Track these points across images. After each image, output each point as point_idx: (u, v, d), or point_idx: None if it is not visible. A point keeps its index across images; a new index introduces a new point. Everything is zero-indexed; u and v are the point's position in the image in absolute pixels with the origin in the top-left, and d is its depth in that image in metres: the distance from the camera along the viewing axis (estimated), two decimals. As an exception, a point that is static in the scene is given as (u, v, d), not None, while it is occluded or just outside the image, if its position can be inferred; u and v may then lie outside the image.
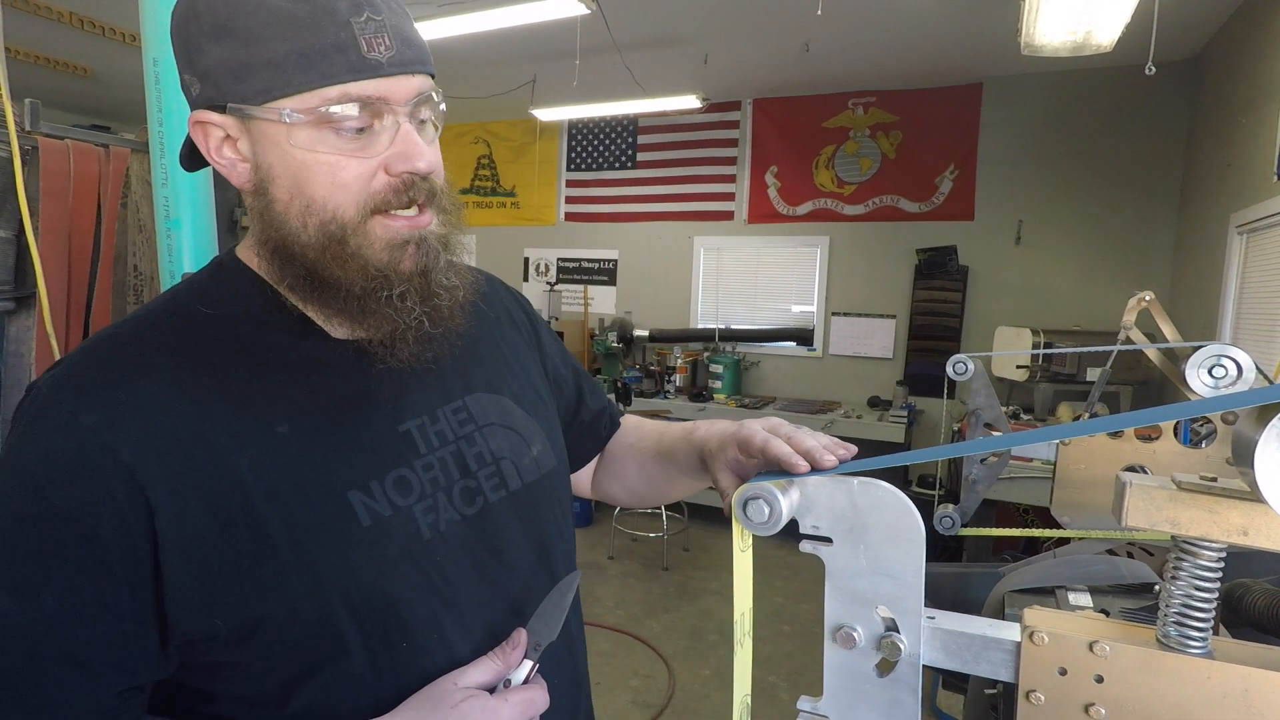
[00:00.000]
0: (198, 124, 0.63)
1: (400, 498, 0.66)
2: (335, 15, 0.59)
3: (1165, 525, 0.49)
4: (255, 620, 0.60)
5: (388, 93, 0.61)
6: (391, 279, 0.64)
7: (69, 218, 1.36)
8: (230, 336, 0.65)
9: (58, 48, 4.67)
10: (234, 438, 0.61)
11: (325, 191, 0.62)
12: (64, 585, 0.57)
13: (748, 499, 0.57)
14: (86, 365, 0.61)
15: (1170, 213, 4.43)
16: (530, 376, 0.85)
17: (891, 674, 0.55)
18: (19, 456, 0.59)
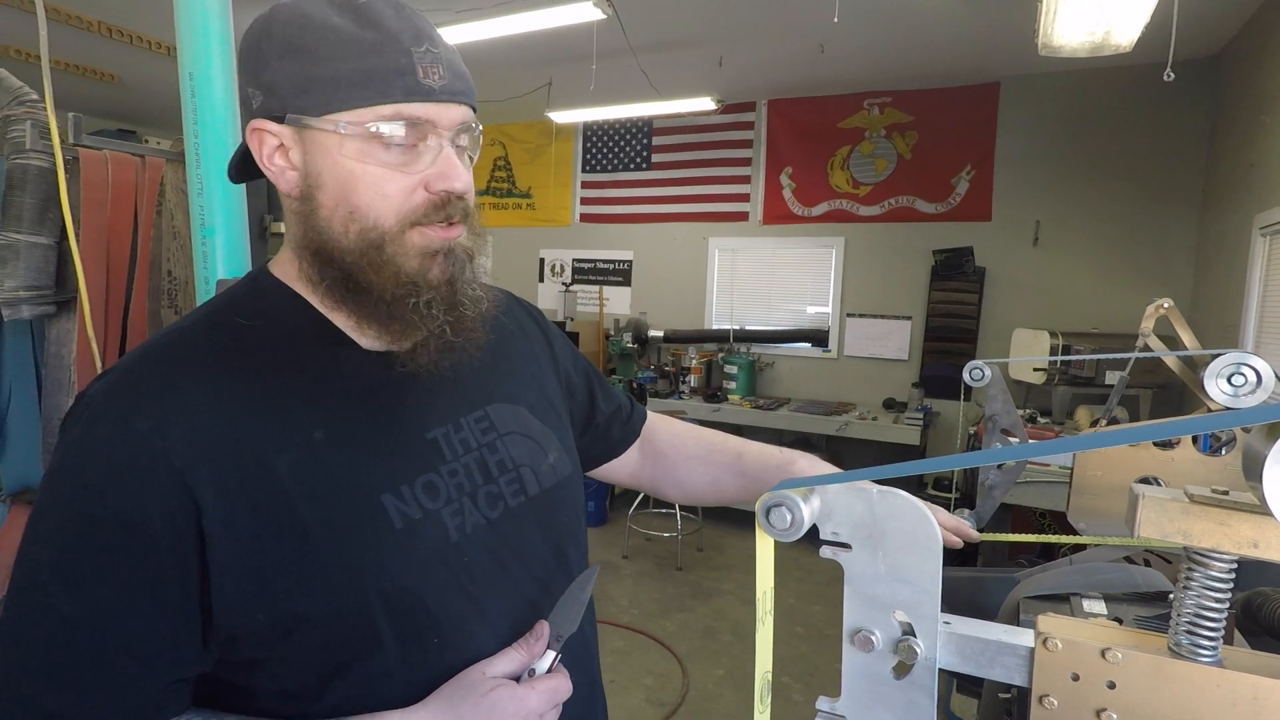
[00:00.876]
0: (255, 131, 0.68)
1: (429, 501, 0.70)
2: (399, 43, 0.65)
3: (1177, 537, 0.51)
4: (295, 616, 0.63)
5: (435, 117, 0.67)
6: (420, 286, 0.68)
7: (107, 225, 1.40)
8: (267, 347, 0.69)
9: (88, 55, 4.76)
10: (274, 442, 0.64)
11: (368, 200, 0.66)
12: (119, 582, 0.60)
13: (770, 506, 0.59)
14: (136, 374, 0.65)
15: (1191, 214, 4.39)
16: (544, 387, 0.90)
17: (908, 677, 0.57)
18: (75, 460, 0.62)
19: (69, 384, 1.47)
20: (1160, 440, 1.07)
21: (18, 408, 1.52)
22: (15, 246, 1.35)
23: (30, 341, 1.52)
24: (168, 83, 5.41)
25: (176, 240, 1.49)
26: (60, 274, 1.40)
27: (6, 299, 1.36)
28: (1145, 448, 1.09)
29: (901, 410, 4.95)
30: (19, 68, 2.90)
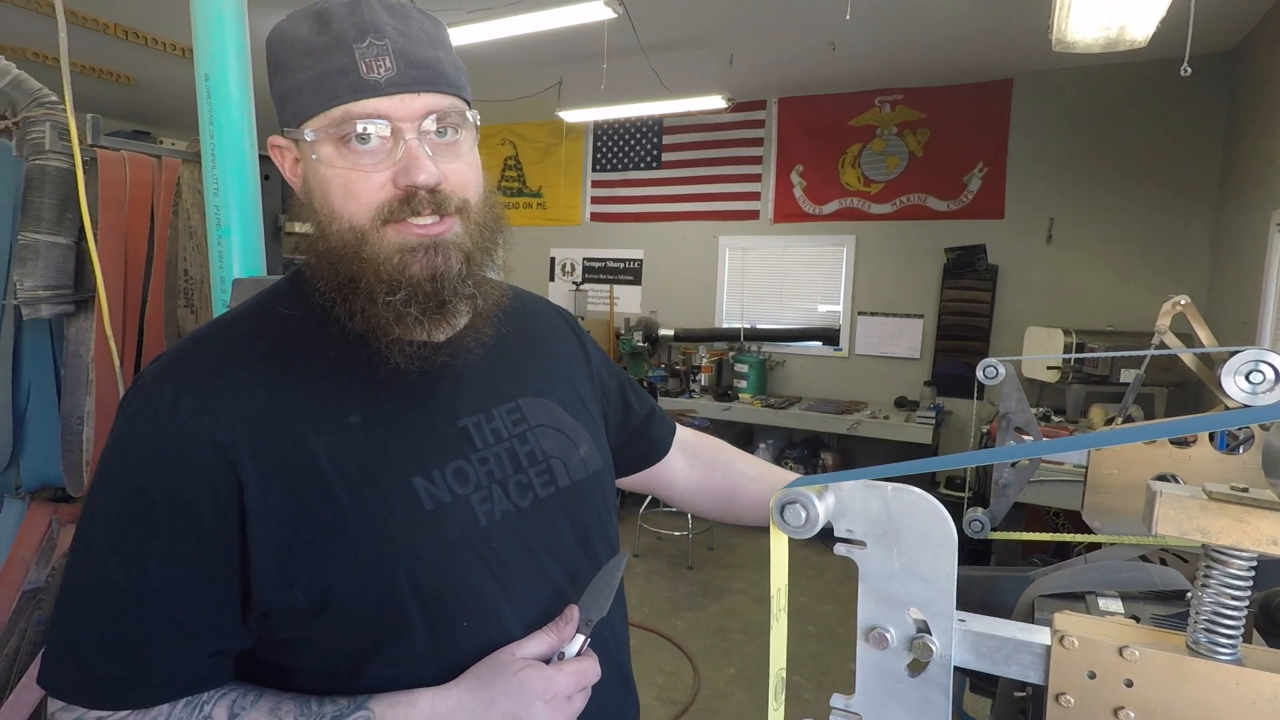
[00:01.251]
0: (271, 147, 0.73)
1: (459, 486, 0.72)
2: (342, 42, 0.65)
3: (1195, 534, 0.50)
4: (328, 593, 0.65)
5: (388, 111, 0.66)
6: (398, 282, 0.68)
7: (125, 225, 1.42)
8: (306, 334, 0.72)
9: (104, 57, 4.81)
10: (311, 424, 0.67)
11: (340, 202, 0.68)
12: (166, 554, 0.63)
13: (785, 503, 0.59)
14: (184, 358, 0.69)
15: (1207, 210, 4.35)
16: (576, 386, 0.90)
17: (923, 674, 0.57)
18: (127, 439, 0.65)
19: (87, 382, 1.49)
20: (1177, 438, 1.06)
21: (37, 406, 1.54)
22: (35, 246, 1.37)
23: (49, 340, 1.53)
24: (182, 84, 5.48)
25: (193, 240, 1.51)
26: (78, 273, 1.42)
27: (26, 298, 1.38)
28: (1161, 445, 1.09)
29: (913, 409, 4.93)
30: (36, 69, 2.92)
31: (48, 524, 1.51)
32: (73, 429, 1.49)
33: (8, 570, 1.48)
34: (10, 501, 1.60)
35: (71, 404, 1.48)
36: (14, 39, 4.43)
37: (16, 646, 1.35)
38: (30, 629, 1.36)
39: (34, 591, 1.44)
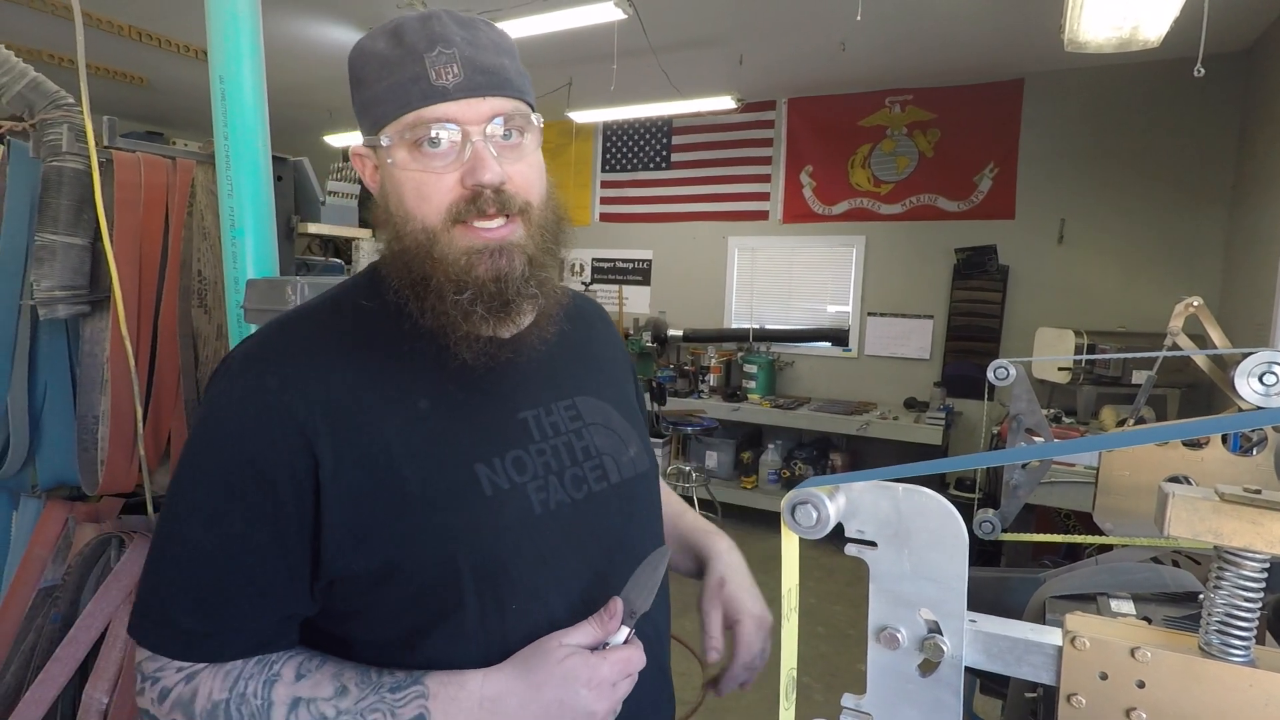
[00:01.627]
0: (354, 156, 0.78)
1: (517, 475, 0.76)
2: (415, 53, 0.70)
3: (1208, 536, 0.50)
4: (391, 566, 0.69)
5: (456, 115, 0.71)
6: (465, 282, 0.72)
7: (140, 226, 1.43)
8: (381, 326, 0.76)
9: (118, 59, 4.85)
10: (383, 407, 0.72)
11: (413, 204, 0.73)
12: (246, 522, 0.68)
13: (796, 504, 0.59)
14: (269, 342, 0.74)
15: (1221, 211, 4.32)
16: (624, 390, 0.96)
17: (934, 674, 0.57)
18: (215, 414, 0.71)
19: (102, 382, 1.50)
20: (1189, 440, 1.06)
21: (53, 406, 1.56)
22: (52, 247, 1.38)
23: (65, 341, 1.55)
24: (195, 85, 5.53)
25: (206, 241, 1.52)
26: (94, 274, 1.43)
27: (43, 299, 1.39)
28: (1174, 447, 1.08)
29: (923, 410, 4.91)
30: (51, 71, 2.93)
31: (63, 522, 1.53)
32: (88, 428, 1.51)
33: (24, 568, 1.49)
34: (26, 500, 1.62)
35: (87, 404, 1.49)
36: (30, 41, 4.48)
37: (33, 643, 1.37)
38: (47, 626, 1.37)
39: (50, 589, 1.46)
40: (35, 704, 1.28)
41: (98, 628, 1.34)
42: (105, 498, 1.58)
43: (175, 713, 0.68)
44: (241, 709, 0.66)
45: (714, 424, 4.92)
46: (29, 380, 1.52)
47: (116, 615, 1.35)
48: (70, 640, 1.32)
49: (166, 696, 0.68)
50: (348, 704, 0.66)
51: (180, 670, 0.69)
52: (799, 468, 5.10)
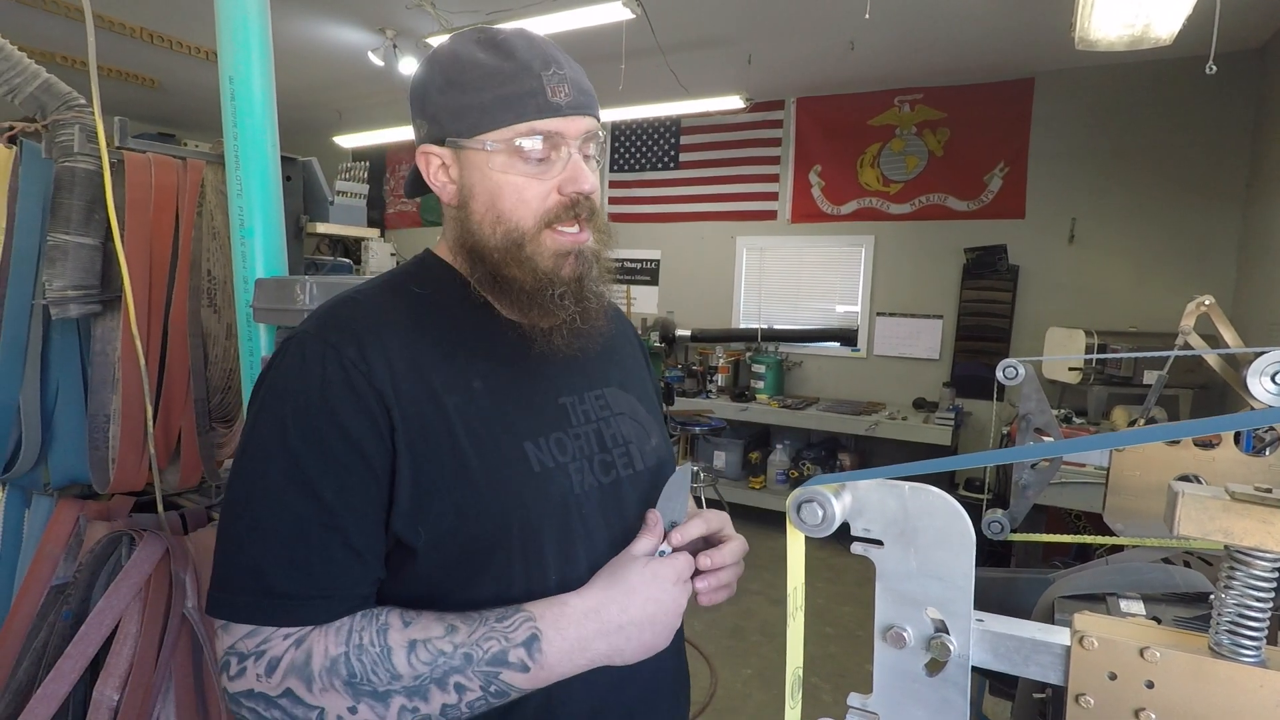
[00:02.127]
0: (422, 154, 0.82)
1: (559, 455, 0.82)
2: (531, 69, 0.77)
3: (1218, 535, 0.50)
4: (448, 531, 0.74)
5: (563, 129, 0.78)
6: (555, 282, 0.80)
7: (150, 226, 1.44)
8: (436, 309, 0.82)
9: (130, 60, 4.89)
10: (444, 383, 0.77)
11: (511, 206, 0.79)
12: (341, 484, 0.72)
13: (802, 502, 0.59)
14: (339, 315, 0.78)
15: (1234, 209, 4.28)
16: (646, 387, 1.02)
17: (941, 674, 0.57)
18: (295, 384, 0.74)
19: (113, 381, 1.51)
20: (1201, 439, 1.05)
21: (64, 404, 1.56)
22: (64, 247, 1.39)
23: (77, 340, 1.56)
24: (206, 87, 5.56)
25: (216, 240, 1.53)
26: (105, 274, 1.44)
27: (55, 298, 1.40)
28: (1185, 447, 1.07)
29: (932, 410, 4.89)
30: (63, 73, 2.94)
31: (75, 520, 1.54)
32: (99, 427, 1.52)
33: (36, 565, 1.50)
34: (38, 498, 1.63)
35: (98, 402, 1.50)
36: (42, 43, 4.52)
37: (45, 640, 1.38)
38: (59, 623, 1.38)
39: (62, 586, 1.47)
40: (47, 700, 1.29)
41: (109, 625, 1.35)
42: (116, 496, 1.59)
43: (290, 679, 0.69)
44: (362, 658, 0.69)
45: (722, 424, 4.91)
46: (41, 379, 1.53)
47: (127, 612, 1.36)
48: (81, 637, 1.33)
49: (276, 667, 0.69)
50: (461, 638, 0.71)
51: (288, 638, 0.70)
52: (807, 468, 5.09)
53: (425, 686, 0.69)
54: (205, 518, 1.62)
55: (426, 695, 0.69)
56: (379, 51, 4.36)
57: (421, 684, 0.69)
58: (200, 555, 1.45)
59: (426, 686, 0.69)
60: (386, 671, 0.69)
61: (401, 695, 0.69)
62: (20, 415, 1.53)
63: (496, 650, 0.70)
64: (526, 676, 0.71)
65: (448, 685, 0.69)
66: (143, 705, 1.32)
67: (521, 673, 0.71)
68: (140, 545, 1.41)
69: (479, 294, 0.83)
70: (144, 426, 1.47)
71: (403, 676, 0.69)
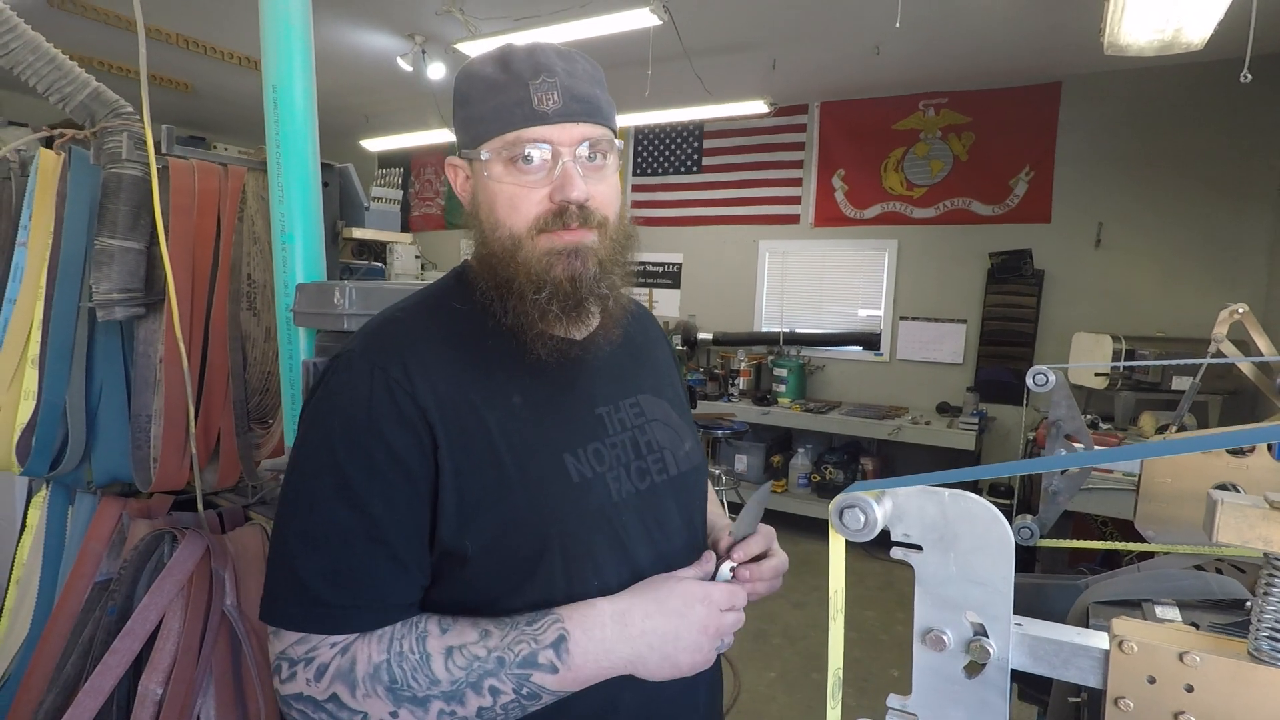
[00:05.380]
0: (449, 166, 0.87)
1: (597, 465, 0.84)
2: (520, 79, 0.79)
3: (1257, 543, 0.51)
4: (492, 543, 0.77)
5: (550, 136, 0.79)
6: (544, 281, 0.80)
7: (193, 231, 1.48)
8: (473, 326, 0.84)
9: (164, 66, 4.99)
10: (484, 400, 0.79)
11: (504, 213, 0.81)
12: (387, 499, 0.74)
13: (844, 508, 0.60)
14: (382, 336, 0.81)
15: (1267, 213, 4.21)
16: (678, 390, 1.04)
17: (980, 676, 0.58)
18: (342, 403, 0.77)
19: (155, 382, 1.55)
20: (1233, 447, 1.05)
21: (108, 405, 1.61)
22: (110, 251, 1.43)
23: (120, 342, 1.60)
24: (238, 91, 5.66)
25: (256, 245, 1.57)
26: (149, 277, 1.48)
27: (101, 301, 1.44)
28: (1218, 455, 1.07)
29: (956, 415, 4.86)
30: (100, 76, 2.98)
31: (118, 517, 1.58)
32: (141, 427, 1.56)
33: (81, 562, 1.55)
34: (82, 496, 1.68)
35: (140, 403, 1.54)
36: (84, 49, 4.63)
37: (91, 634, 1.42)
38: (104, 619, 1.42)
39: (106, 583, 1.51)
40: (94, 694, 1.33)
41: (153, 621, 1.38)
42: (157, 495, 1.63)
43: (336, 684, 0.72)
44: (402, 664, 0.72)
45: (744, 427, 4.91)
46: (85, 380, 1.58)
47: (170, 609, 1.39)
48: (127, 633, 1.36)
49: (324, 673, 0.72)
50: (494, 643, 0.73)
51: (334, 645, 0.73)
52: (829, 472, 5.07)
53: (462, 691, 0.72)
54: (242, 517, 1.65)
55: (463, 699, 0.72)
56: (408, 57, 4.42)
57: (458, 688, 0.72)
58: (238, 553, 1.49)
59: (463, 691, 0.72)
60: (426, 677, 0.72)
61: (440, 700, 0.71)
62: (66, 415, 1.57)
63: (527, 653, 0.73)
64: (556, 678, 0.73)
65: (482, 689, 0.72)
66: (185, 699, 1.35)
67: (551, 674, 0.73)
68: (182, 543, 1.45)
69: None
70: (185, 427, 1.51)
71: (440, 681, 0.71)
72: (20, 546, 1.78)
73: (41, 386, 1.56)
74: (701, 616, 0.78)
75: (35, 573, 1.69)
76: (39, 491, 1.78)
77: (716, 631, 0.79)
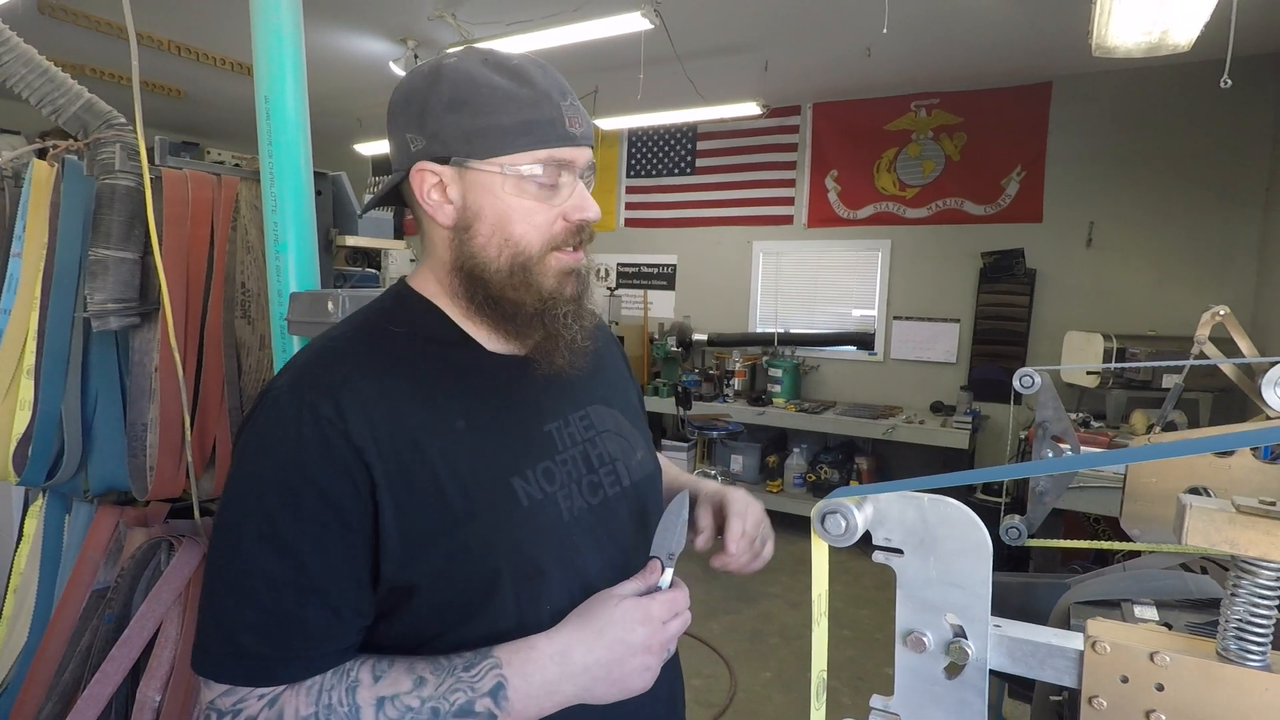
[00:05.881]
0: (418, 171, 0.80)
1: (547, 485, 0.81)
2: (550, 98, 0.78)
3: (1224, 546, 0.52)
4: (440, 576, 0.74)
5: (574, 158, 0.80)
6: (559, 301, 0.81)
7: (187, 240, 1.49)
8: (414, 350, 0.81)
9: (156, 72, 4.99)
10: (425, 430, 0.76)
11: (522, 230, 0.79)
12: (318, 545, 0.71)
13: (825, 513, 0.62)
14: (313, 369, 0.77)
15: (1254, 213, 4.25)
16: (630, 397, 1.02)
17: (959, 677, 0.60)
18: (270, 442, 0.73)
19: (151, 391, 1.56)
20: (1216, 448, 1.06)
21: (103, 414, 1.61)
22: (105, 262, 1.44)
23: (115, 351, 1.61)
24: (230, 97, 5.66)
25: (250, 254, 1.58)
26: (143, 287, 1.49)
27: (96, 311, 1.45)
28: (1202, 455, 1.09)
29: (949, 414, 4.88)
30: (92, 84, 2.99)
31: (114, 526, 1.59)
32: (137, 436, 1.56)
33: (78, 570, 1.56)
34: (79, 505, 1.68)
35: (136, 412, 1.55)
36: (76, 56, 4.62)
37: (89, 643, 1.43)
38: (102, 627, 1.43)
39: (103, 591, 1.52)
40: (92, 701, 1.34)
41: (150, 628, 1.39)
42: (153, 503, 1.64)
43: None
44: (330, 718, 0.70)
45: (739, 428, 4.93)
46: (81, 390, 1.59)
47: (168, 616, 1.40)
48: (124, 641, 1.38)
49: None
50: (429, 692, 0.71)
51: (262, 698, 0.71)
52: (824, 471, 5.09)
53: None
54: (239, 523, 1.66)
55: None
56: (400, 61, 4.42)
57: None
58: (235, 559, 1.50)
59: None
60: None
61: None
62: (61, 424, 1.58)
63: (463, 701, 0.70)
64: None
65: None
66: (184, 705, 1.36)
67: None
68: (179, 551, 1.46)
69: (459, 326, 0.83)
70: (181, 435, 1.52)
71: None
72: (18, 555, 1.78)
73: (37, 396, 1.57)
74: (643, 638, 0.76)
75: (33, 581, 1.70)
76: (35, 501, 1.79)
77: (661, 646, 0.78)
